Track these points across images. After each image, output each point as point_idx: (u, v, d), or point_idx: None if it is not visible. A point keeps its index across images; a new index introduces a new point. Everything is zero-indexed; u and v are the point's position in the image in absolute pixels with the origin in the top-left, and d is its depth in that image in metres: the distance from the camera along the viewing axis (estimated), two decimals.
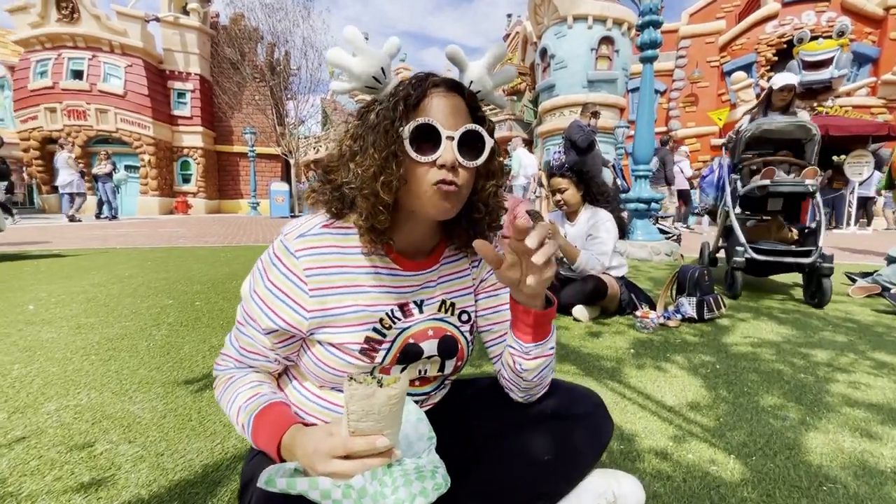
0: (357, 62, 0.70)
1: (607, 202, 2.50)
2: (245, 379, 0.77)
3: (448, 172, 0.67)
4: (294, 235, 0.73)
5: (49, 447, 1.14)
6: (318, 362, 0.74)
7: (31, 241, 6.27)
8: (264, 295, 0.73)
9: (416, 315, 0.79)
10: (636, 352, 1.93)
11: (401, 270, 0.78)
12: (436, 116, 0.68)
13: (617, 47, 13.41)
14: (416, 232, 0.78)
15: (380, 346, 0.75)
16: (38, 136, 15.03)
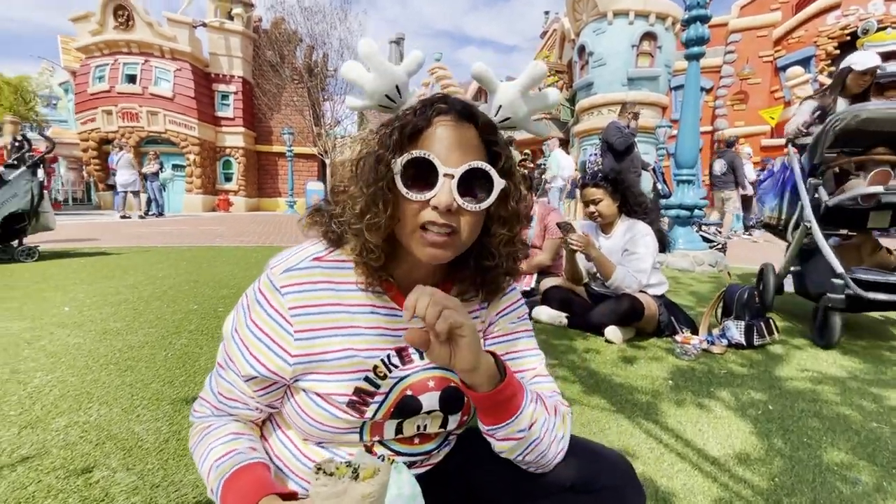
0: (370, 79, 0.64)
1: (646, 214, 2.31)
2: (221, 430, 0.69)
3: (440, 215, 0.58)
4: (280, 269, 0.64)
5: (49, 471, 1.12)
6: (302, 413, 0.65)
7: (81, 237, 6.62)
8: (245, 336, 0.65)
9: (416, 362, 0.69)
10: (675, 383, 1.75)
11: (400, 311, 0.68)
12: (436, 149, 0.59)
13: (660, 43, 12.84)
14: (419, 270, 0.68)
15: (371, 398, 0.65)
16: (95, 136, 15.99)
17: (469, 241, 0.63)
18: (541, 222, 3.13)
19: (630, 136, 4.74)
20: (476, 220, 0.62)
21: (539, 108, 0.71)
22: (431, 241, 0.59)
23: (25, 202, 4.34)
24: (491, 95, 0.68)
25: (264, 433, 0.75)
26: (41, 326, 2.28)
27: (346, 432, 0.66)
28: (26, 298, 2.88)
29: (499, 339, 0.77)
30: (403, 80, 0.65)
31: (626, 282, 2.19)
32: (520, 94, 0.67)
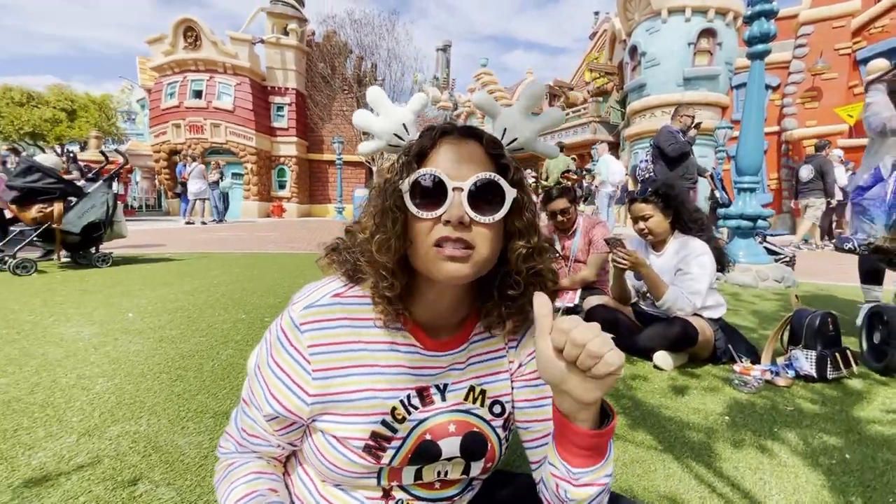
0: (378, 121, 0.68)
1: (702, 231, 2.14)
2: (244, 469, 0.69)
3: (454, 229, 0.56)
4: (301, 306, 0.63)
5: (100, 481, 1.18)
6: (319, 455, 0.64)
7: (149, 244, 7.17)
8: (266, 374, 0.64)
9: (438, 403, 0.66)
10: (732, 420, 1.59)
11: (422, 349, 0.66)
12: (444, 166, 0.59)
13: (719, 40, 12.14)
14: (440, 302, 0.65)
15: (388, 443, 0.63)
16: (166, 148, 17.34)
17: (488, 257, 0.59)
18: (585, 235, 3.00)
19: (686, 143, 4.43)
20: (492, 234, 0.59)
21: (547, 125, 0.71)
22: (449, 254, 0.56)
23: (102, 212, 4.75)
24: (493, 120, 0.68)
25: (287, 468, 0.74)
26: (107, 332, 2.46)
27: (363, 477, 0.63)
28: (98, 304, 3.13)
29: (530, 381, 0.72)
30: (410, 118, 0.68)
31: (678, 304, 2.04)
32: (521, 115, 0.68)
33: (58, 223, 4.46)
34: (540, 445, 0.70)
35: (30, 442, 1.36)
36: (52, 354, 2.10)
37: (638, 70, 13.32)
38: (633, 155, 13.82)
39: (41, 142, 20.80)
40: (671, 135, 4.46)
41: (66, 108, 21.17)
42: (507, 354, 0.72)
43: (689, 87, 12.30)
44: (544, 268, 0.66)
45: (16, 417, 1.50)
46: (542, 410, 0.70)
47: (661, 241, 2.21)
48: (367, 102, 0.57)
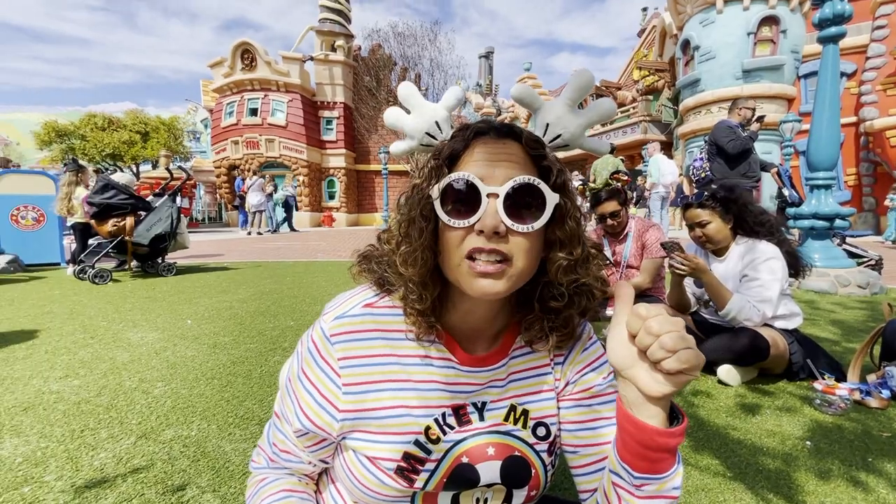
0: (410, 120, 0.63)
1: (770, 234, 1.94)
2: (275, 486, 0.66)
3: (487, 240, 0.51)
4: (332, 316, 0.60)
5: (152, 484, 1.22)
6: (349, 474, 0.60)
7: (209, 253, 7.62)
8: (297, 388, 0.62)
9: (476, 423, 0.61)
10: (816, 446, 1.41)
11: (457, 363, 0.61)
12: (477, 169, 0.53)
13: (783, 27, 11.26)
14: (475, 313, 0.60)
15: (422, 466, 0.58)
16: (225, 164, 18.49)
17: (526, 270, 0.54)
18: (638, 239, 2.83)
19: (748, 139, 4.05)
20: (531, 245, 0.53)
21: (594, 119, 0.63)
22: (481, 271, 0.51)
23: (167, 225, 5.10)
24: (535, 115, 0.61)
25: (319, 486, 0.72)
26: (168, 338, 2.60)
27: (396, 501, 0.59)
28: (161, 310, 3.34)
29: (579, 401, 0.65)
30: (443, 115, 0.62)
31: (744, 313, 1.85)
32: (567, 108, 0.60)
33: (129, 235, 4.84)
34: (591, 472, 0.63)
35: (93, 443, 1.43)
36: (119, 358, 2.24)
37: (691, 65, 12.63)
38: (687, 154, 13.09)
39: (119, 162, 22.86)
40: (730, 129, 4.09)
41: (141, 130, 23.18)
42: (553, 371, 0.66)
43: (749, 79, 11.48)
44: (590, 278, 0.59)
45: (84, 418, 1.60)
46: (595, 434, 0.63)
47: (722, 247, 2.02)
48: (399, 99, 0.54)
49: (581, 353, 0.66)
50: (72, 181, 5.31)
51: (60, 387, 1.89)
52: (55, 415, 1.63)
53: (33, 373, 2.04)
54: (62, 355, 2.29)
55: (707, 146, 4.33)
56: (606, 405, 0.64)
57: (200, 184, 22.72)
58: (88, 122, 22.37)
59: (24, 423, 1.56)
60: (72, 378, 1.98)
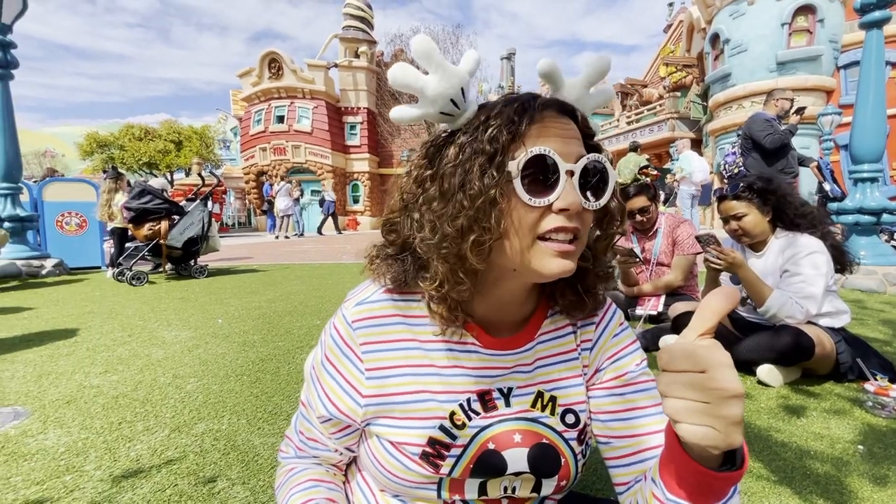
0: (432, 81, 0.51)
1: (813, 226, 1.83)
2: (303, 475, 0.66)
3: (567, 219, 0.49)
4: (353, 302, 0.60)
5: (185, 475, 1.24)
6: (375, 461, 0.59)
7: (239, 256, 7.83)
8: (321, 374, 0.62)
9: (501, 409, 0.59)
10: (869, 450, 1.32)
11: (482, 347, 0.59)
12: (552, 144, 0.50)
13: (820, 16, 10.78)
14: (506, 298, 0.59)
15: (447, 451, 0.56)
16: (254, 170, 19.03)
17: (584, 246, 0.54)
18: (668, 236, 2.74)
19: (787, 133, 3.83)
20: (590, 222, 0.54)
21: (601, 102, 0.60)
22: (561, 250, 0.49)
23: (199, 228, 5.27)
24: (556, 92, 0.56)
25: (347, 475, 0.71)
26: (200, 336, 2.68)
27: (422, 487, 0.58)
28: (194, 310, 3.44)
29: (611, 390, 0.62)
30: (467, 81, 0.54)
31: (785, 310, 1.75)
32: (585, 88, 0.57)
33: (164, 239, 5.02)
34: (627, 465, 0.60)
35: (130, 435, 1.48)
36: (154, 355, 2.32)
37: (721, 59, 12.23)
38: (718, 151, 12.66)
39: (155, 170, 23.83)
40: (767, 123, 3.88)
41: (175, 139, 24.11)
42: (580, 357, 0.64)
43: (784, 71, 11.03)
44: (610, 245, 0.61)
45: (121, 411, 1.65)
46: (629, 424, 0.60)
47: (759, 241, 1.93)
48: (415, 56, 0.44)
49: (611, 339, 0.64)
50: (111, 188, 5.55)
51: (100, 381, 1.96)
52: (95, 408, 1.69)
53: (75, 368, 2.13)
54: (102, 352, 2.39)
55: (741, 140, 4.12)
56: (641, 394, 0.61)
57: (230, 190, 23.43)
58: (127, 133, 23.44)
59: (66, 416, 1.63)
60: (111, 373, 2.06)
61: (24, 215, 5.52)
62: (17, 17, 5.27)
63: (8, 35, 5.24)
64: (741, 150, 4.23)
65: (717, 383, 0.35)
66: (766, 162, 3.97)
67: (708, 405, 0.35)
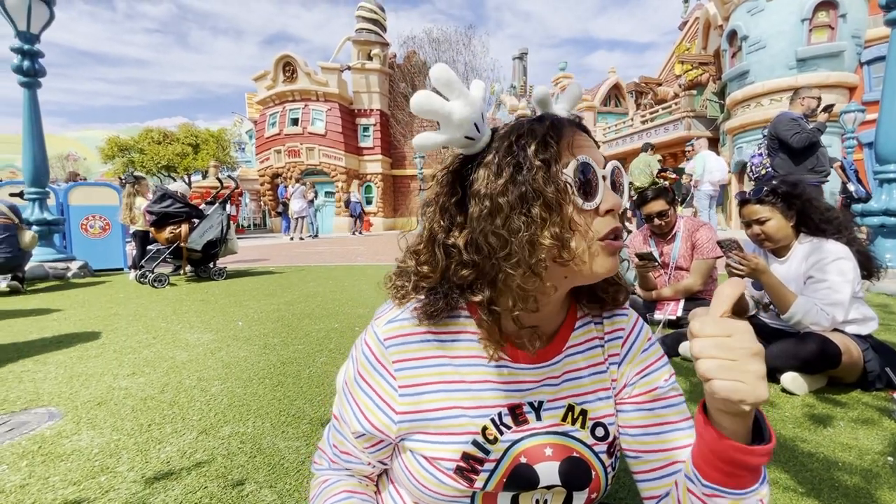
0: (458, 106, 0.53)
1: (838, 232, 1.80)
2: (336, 487, 0.68)
3: (614, 219, 0.55)
4: (384, 320, 0.62)
5: (214, 478, 1.27)
6: (409, 475, 0.60)
7: (256, 258, 7.95)
8: (354, 390, 0.63)
9: (532, 423, 0.60)
10: None
11: (510, 362, 0.61)
12: (587, 153, 0.55)
13: (842, 11, 10.53)
14: (547, 307, 0.60)
15: (481, 466, 0.58)
16: (269, 172, 19.30)
17: None
18: (687, 239, 2.72)
19: (816, 131, 3.72)
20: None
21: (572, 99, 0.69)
22: (616, 247, 0.55)
23: (218, 231, 5.37)
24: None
25: (379, 487, 0.73)
26: (222, 339, 2.73)
27: (456, 501, 0.59)
28: (214, 312, 3.51)
29: (643, 404, 0.63)
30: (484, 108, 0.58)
31: (810, 317, 1.73)
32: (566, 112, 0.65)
33: (184, 242, 5.13)
34: (656, 479, 0.60)
35: (160, 437, 1.52)
36: (178, 358, 2.38)
37: (739, 56, 12.03)
38: (735, 150, 12.45)
39: (173, 173, 24.32)
40: (794, 122, 3.77)
41: (192, 142, 24.58)
42: (608, 371, 0.65)
43: (804, 68, 10.80)
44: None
45: (150, 413, 1.70)
46: (658, 439, 0.61)
47: (783, 246, 1.90)
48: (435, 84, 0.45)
49: (640, 354, 0.65)
50: (131, 192, 5.71)
51: (128, 383, 2.02)
52: (125, 409, 1.74)
53: (104, 370, 2.20)
54: (128, 354, 2.45)
55: (766, 140, 4.03)
56: (670, 409, 0.62)
57: (246, 192, 23.79)
58: (146, 137, 23.97)
59: (98, 417, 1.68)
60: (138, 375, 2.12)
61: (52, 219, 5.70)
62: (45, 26, 5.44)
63: (36, 44, 5.41)
64: (767, 150, 4.13)
65: (742, 343, 0.41)
66: (794, 161, 3.86)
67: (735, 362, 0.40)
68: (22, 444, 1.49)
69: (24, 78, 5.40)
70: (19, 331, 2.98)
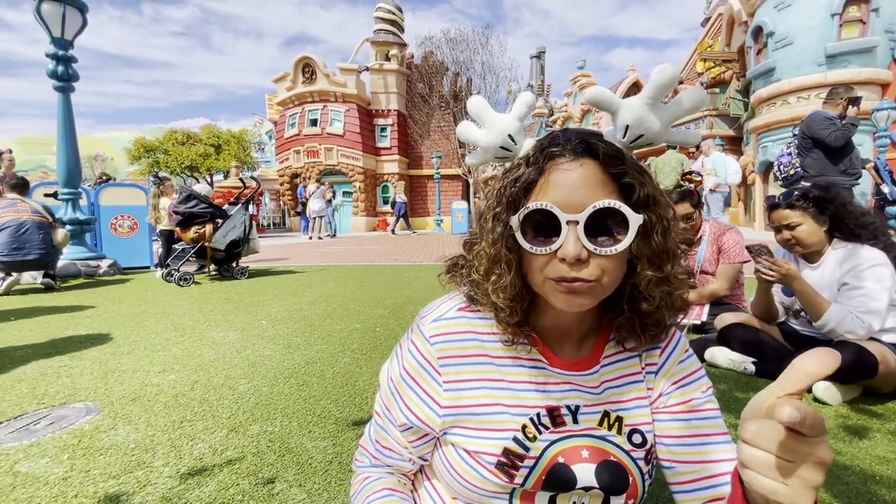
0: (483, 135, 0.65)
1: (874, 237, 1.75)
2: (378, 484, 0.71)
3: (570, 268, 0.52)
4: (430, 319, 0.65)
5: (245, 475, 1.31)
6: (450, 468, 0.63)
7: (276, 258, 8.08)
8: (399, 385, 0.66)
9: (569, 425, 0.62)
10: None
11: (547, 364, 0.63)
12: (555, 197, 0.53)
13: (875, 5, 10.17)
14: (565, 317, 0.62)
15: (521, 462, 0.59)
16: (288, 172, 19.57)
17: (612, 285, 0.55)
18: (713, 243, 2.66)
19: (851, 127, 3.55)
20: (615, 264, 0.54)
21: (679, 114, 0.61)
22: (566, 290, 0.53)
23: (241, 231, 5.49)
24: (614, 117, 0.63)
25: (415, 483, 0.75)
26: (246, 338, 2.79)
27: (495, 497, 0.61)
28: (238, 311, 3.59)
29: (678, 415, 0.63)
30: (516, 126, 0.64)
31: (845, 325, 1.68)
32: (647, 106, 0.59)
33: (209, 241, 5.25)
34: (691, 491, 0.60)
35: (192, 433, 1.57)
36: (206, 356, 2.44)
37: (764, 53, 11.70)
38: (760, 149, 12.12)
39: (196, 173, 24.88)
40: (828, 120, 3.61)
41: (214, 143, 25.08)
42: (645, 380, 0.65)
43: (835, 64, 10.44)
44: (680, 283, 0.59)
45: (181, 410, 1.76)
46: (693, 451, 0.61)
47: (815, 252, 1.85)
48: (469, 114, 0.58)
49: (676, 365, 0.66)
50: (156, 193, 5.92)
51: (160, 380, 2.08)
52: (157, 406, 1.80)
53: (136, 367, 2.27)
54: (158, 351, 2.53)
55: (798, 140, 3.88)
56: (706, 421, 0.63)
57: (266, 191, 24.19)
58: (170, 138, 24.57)
59: (132, 413, 1.74)
60: (168, 373, 2.18)
61: (84, 218, 5.90)
62: (78, 32, 5.64)
63: (69, 50, 5.61)
64: (798, 149, 3.99)
65: (813, 448, 0.33)
66: (830, 161, 3.72)
67: (792, 464, 0.34)
68: (63, 437, 1.55)
69: (58, 82, 5.61)
70: (56, 327, 3.10)
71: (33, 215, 4.63)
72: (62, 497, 1.22)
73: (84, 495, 1.22)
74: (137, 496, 1.22)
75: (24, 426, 1.65)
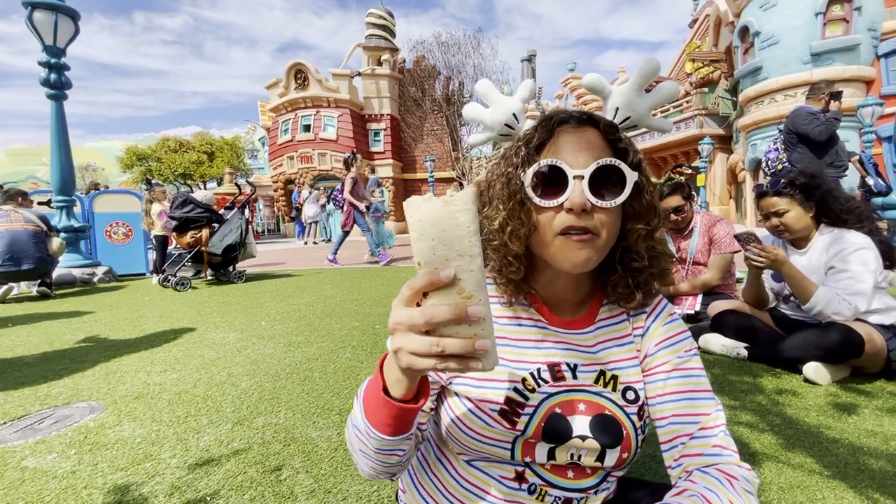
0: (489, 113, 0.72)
1: (860, 222, 1.81)
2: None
3: (577, 217, 0.58)
4: None
5: (252, 464, 1.33)
6: (456, 419, 0.66)
7: (273, 262, 8.08)
8: None
9: (568, 380, 0.66)
10: None
11: (546, 324, 0.69)
12: (562, 155, 0.61)
13: (857, 4, 10.40)
14: (560, 281, 0.68)
15: (521, 409, 0.64)
16: (282, 178, 19.57)
17: (609, 241, 0.62)
18: (704, 234, 2.72)
19: (833, 121, 3.65)
20: (613, 219, 0.61)
21: (658, 101, 0.72)
22: (575, 240, 0.59)
23: (237, 236, 5.49)
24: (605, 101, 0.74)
25: (423, 452, 0.77)
26: (247, 338, 2.81)
27: (498, 445, 0.64)
28: (237, 313, 3.60)
29: (667, 374, 0.67)
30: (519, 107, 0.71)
31: (832, 306, 1.73)
32: (635, 92, 0.69)
33: (205, 246, 5.26)
34: (678, 446, 0.64)
35: (197, 427, 1.59)
36: (207, 355, 2.45)
37: (751, 52, 11.92)
38: (749, 147, 12.30)
39: (189, 180, 24.79)
40: (811, 115, 3.71)
41: (207, 150, 25.05)
42: (634, 342, 0.70)
43: (820, 62, 10.66)
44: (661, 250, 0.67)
45: (185, 406, 1.77)
46: (679, 406, 0.66)
47: (802, 237, 1.91)
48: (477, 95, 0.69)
49: (662, 327, 0.70)
50: (147, 199, 5.95)
51: (162, 379, 2.10)
52: (161, 403, 1.82)
53: (138, 367, 2.28)
54: (159, 353, 2.54)
55: (783, 136, 3.98)
56: (690, 379, 0.66)
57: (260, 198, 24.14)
58: (163, 146, 24.50)
59: (137, 410, 1.76)
60: (170, 372, 2.20)
61: (78, 226, 5.87)
62: (70, 40, 5.64)
63: (62, 58, 5.61)
64: (784, 145, 4.07)
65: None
66: (818, 154, 3.80)
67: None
68: (68, 434, 1.57)
69: (51, 90, 5.60)
70: (54, 333, 3.10)
71: (27, 224, 4.61)
72: (72, 489, 1.23)
73: (93, 486, 1.24)
74: (147, 486, 1.24)
75: (28, 425, 1.66)
